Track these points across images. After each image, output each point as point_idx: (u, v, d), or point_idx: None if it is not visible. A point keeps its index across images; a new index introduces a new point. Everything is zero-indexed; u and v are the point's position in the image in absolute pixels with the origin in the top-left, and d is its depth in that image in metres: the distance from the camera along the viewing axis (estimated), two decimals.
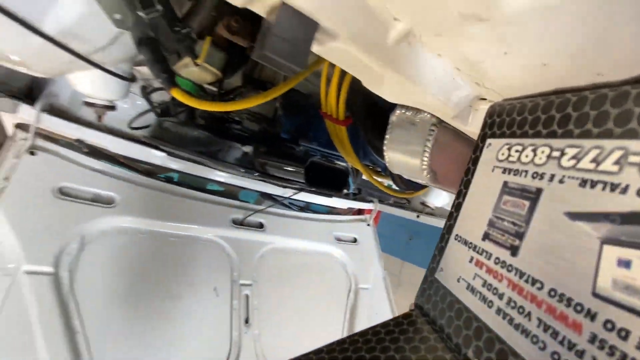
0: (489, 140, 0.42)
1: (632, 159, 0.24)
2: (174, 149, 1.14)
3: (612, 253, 0.24)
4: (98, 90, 0.90)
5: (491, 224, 0.37)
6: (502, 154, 0.38)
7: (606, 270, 0.24)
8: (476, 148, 0.44)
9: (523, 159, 0.35)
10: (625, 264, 0.23)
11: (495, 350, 0.31)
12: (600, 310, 0.23)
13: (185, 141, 1.21)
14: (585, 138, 0.29)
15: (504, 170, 0.37)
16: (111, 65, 0.79)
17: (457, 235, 0.42)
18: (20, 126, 1.01)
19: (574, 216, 0.27)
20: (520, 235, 0.32)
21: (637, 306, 0.21)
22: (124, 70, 0.85)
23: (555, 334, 0.26)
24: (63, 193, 1.03)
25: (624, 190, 0.24)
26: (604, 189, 0.26)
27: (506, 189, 0.36)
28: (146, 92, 1.11)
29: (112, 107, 0.97)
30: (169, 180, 1.22)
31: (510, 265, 0.32)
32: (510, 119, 0.39)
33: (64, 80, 1.00)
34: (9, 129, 1.04)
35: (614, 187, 0.25)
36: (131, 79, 0.88)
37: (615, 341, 0.22)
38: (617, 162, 0.25)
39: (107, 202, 1.10)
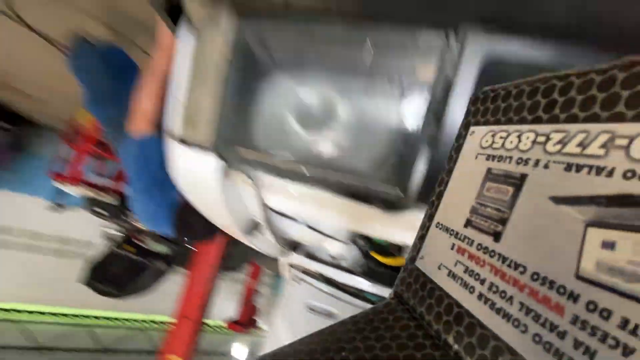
0: (472, 128, 0.41)
1: (619, 142, 0.24)
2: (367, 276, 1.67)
3: (596, 235, 0.24)
4: (340, 251, 1.54)
5: (474, 210, 0.36)
6: (486, 141, 0.38)
7: (590, 252, 0.24)
8: (459, 136, 0.44)
9: (507, 145, 0.35)
10: (610, 245, 0.23)
11: (476, 335, 0.30)
12: (583, 292, 0.23)
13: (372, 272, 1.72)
14: (571, 122, 0.29)
15: (488, 157, 0.37)
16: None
17: (438, 223, 0.42)
18: (292, 265, 1.65)
19: (559, 200, 0.27)
20: (503, 221, 0.32)
21: (619, 287, 0.21)
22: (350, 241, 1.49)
23: (537, 317, 0.26)
24: (310, 308, 1.59)
25: (610, 173, 0.24)
26: (589, 172, 0.26)
27: (490, 175, 0.36)
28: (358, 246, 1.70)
29: (344, 259, 1.65)
30: (365, 298, 1.70)
31: (493, 250, 0.32)
32: (495, 106, 0.39)
33: None
34: (285, 267, 1.71)
35: (599, 170, 0.25)
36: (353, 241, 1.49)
37: (597, 321, 0.22)
38: (603, 146, 0.25)
39: (333, 315, 1.59)
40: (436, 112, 0.58)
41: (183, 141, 0.73)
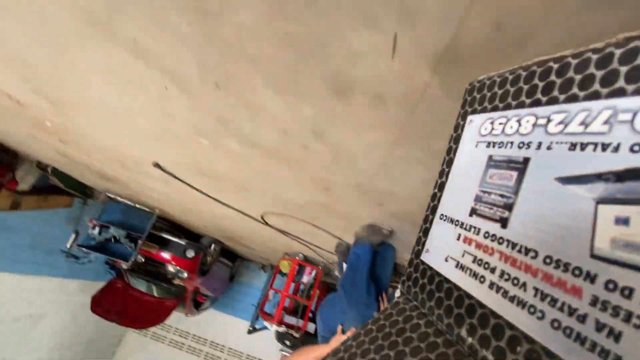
0: (470, 117, 0.41)
1: (622, 117, 0.24)
2: None
3: (608, 212, 0.23)
4: None
5: (478, 199, 0.36)
6: (485, 129, 0.38)
7: (603, 230, 0.23)
8: (457, 126, 0.44)
9: (507, 130, 0.34)
10: (624, 221, 0.22)
11: (491, 325, 0.29)
12: (600, 272, 0.23)
13: None
14: (571, 102, 0.28)
15: (488, 144, 0.37)
16: None
17: (442, 215, 0.41)
18: None
19: (566, 180, 0.27)
20: (509, 207, 0.32)
21: (639, 262, 0.21)
22: None
23: (553, 302, 0.25)
24: None
25: (616, 148, 0.24)
26: (595, 149, 0.25)
27: (491, 162, 0.36)
28: None
29: None
30: None
31: (501, 237, 0.31)
32: (492, 94, 0.39)
33: None
34: None
35: (605, 146, 0.25)
36: None
37: (619, 301, 0.21)
38: (606, 122, 0.25)
39: None
40: None
41: None
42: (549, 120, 0.30)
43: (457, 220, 0.38)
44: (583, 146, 0.26)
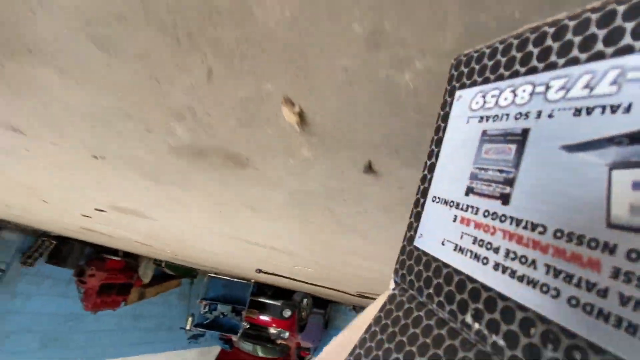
0: (458, 93, 0.39)
1: (631, 75, 0.22)
2: None
3: (624, 177, 0.21)
4: None
5: (474, 176, 0.34)
6: (477, 103, 0.36)
7: (620, 196, 0.21)
8: (444, 104, 0.41)
9: (501, 102, 0.33)
10: None
11: (499, 309, 0.27)
12: (620, 241, 0.21)
13: None
14: (572, 65, 0.27)
15: (481, 119, 0.35)
16: None
17: (434, 197, 0.39)
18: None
19: (573, 148, 0.25)
20: (510, 182, 0.30)
21: None
22: None
23: (569, 278, 0.23)
24: None
25: (627, 109, 0.22)
26: (603, 112, 0.24)
27: (485, 137, 0.34)
28: None
29: None
30: None
31: (503, 215, 0.29)
32: (481, 66, 0.37)
33: None
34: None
35: (614, 108, 0.23)
36: None
37: None
38: (614, 82, 0.23)
39: None
40: None
41: None
42: (548, 87, 0.28)
43: (452, 201, 0.35)
44: (589, 110, 0.24)
